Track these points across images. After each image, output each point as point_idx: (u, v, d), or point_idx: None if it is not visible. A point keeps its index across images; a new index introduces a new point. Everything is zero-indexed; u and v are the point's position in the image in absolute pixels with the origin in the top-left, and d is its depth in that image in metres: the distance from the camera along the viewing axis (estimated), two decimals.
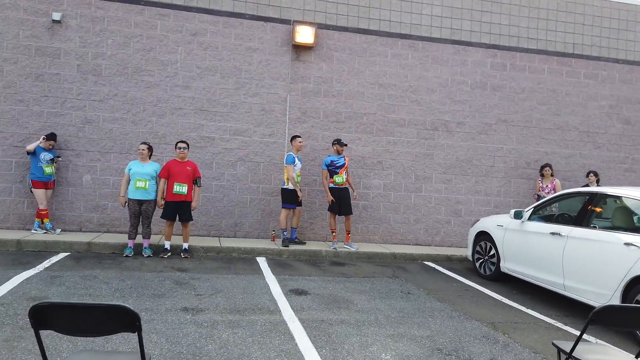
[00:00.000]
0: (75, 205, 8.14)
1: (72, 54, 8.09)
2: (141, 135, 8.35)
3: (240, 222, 8.77)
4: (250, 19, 8.74)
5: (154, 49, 8.38)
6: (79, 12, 8.09)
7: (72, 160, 8.12)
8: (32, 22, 7.93)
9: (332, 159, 8.24)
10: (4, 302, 4.58)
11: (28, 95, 7.94)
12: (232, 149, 8.71)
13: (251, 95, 8.78)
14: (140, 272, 6.19)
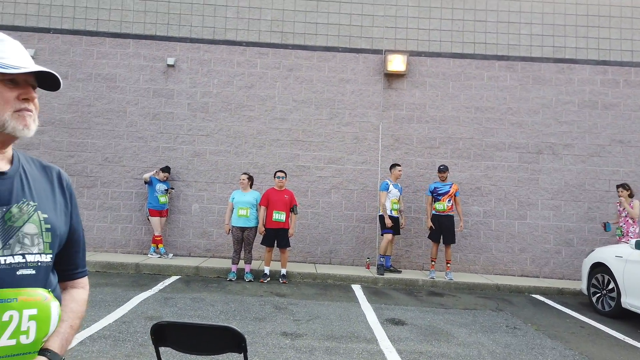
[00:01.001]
0: (185, 232, 8.82)
1: (184, 94, 8.92)
2: (243, 166, 8.88)
3: (335, 249, 8.87)
4: (343, 52, 9.02)
5: (254, 86, 8.96)
6: (189, 56, 8.94)
7: (183, 190, 8.85)
8: (151, 68, 8.91)
9: (436, 186, 8.10)
10: (126, 320, 5.05)
11: (146, 133, 8.87)
12: (326, 177, 8.92)
13: (344, 124, 8.98)
14: (243, 295, 6.49)
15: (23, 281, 1.12)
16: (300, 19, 9.02)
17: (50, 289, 1.19)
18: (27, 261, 1.14)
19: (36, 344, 1.13)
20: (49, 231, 1.20)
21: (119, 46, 8.86)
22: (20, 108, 1.15)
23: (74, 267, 1.35)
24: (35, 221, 1.18)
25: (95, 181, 8.77)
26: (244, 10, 8.98)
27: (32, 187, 1.22)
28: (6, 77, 1.14)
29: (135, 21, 8.87)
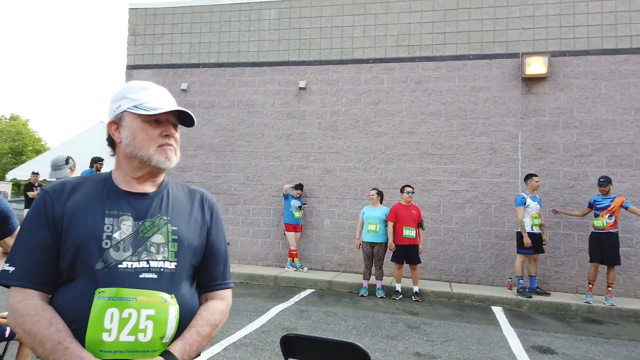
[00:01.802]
0: (319, 247, 9.10)
1: (314, 114, 9.30)
2: (372, 181, 8.90)
3: (472, 267, 8.36)
4: (474, 59, 8.60)
5: (382, 101, 8.98)
6: (319, 77, 9.32)
7: (315, 206, 9.17)
8: (285, 92, 9.48)
9: (595, 199, 7.22)
10: (264, 329, 5.34)
11: (281, 152, 9.42)
12: (459, 191, 8.50)
13: (478, 135, 8.50)
14: (374, 312, 6.44)
15: (145, 284, 1.25)
16: (427, 30, 8.85)
17: (172, 295, 1.28)
18: (151, 266, 1.27)
19: (153, 343, 1.22)
20: (176, 242, 1.33)
21: (257, 74, 9.60)
22: (162, 143, 1.35)
23: (213, 279, 1.45)
24: (163, 232, 1.33)
25: (238, 199, 9.54)
26: (370, 28, 9.11)
27: (170, 205, 1.39)
28: (151, 118, 1.33)
29: (270, 50, 9.56)
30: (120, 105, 1.37)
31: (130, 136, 1.34)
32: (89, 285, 1.22)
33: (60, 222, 1.27)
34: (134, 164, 1.36)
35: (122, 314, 1.19)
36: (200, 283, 1.43)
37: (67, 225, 1.26)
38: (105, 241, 1.25)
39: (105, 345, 1.18)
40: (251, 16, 9.67)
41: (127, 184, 1.37)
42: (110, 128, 1.40)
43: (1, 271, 1.26)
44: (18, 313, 1.20)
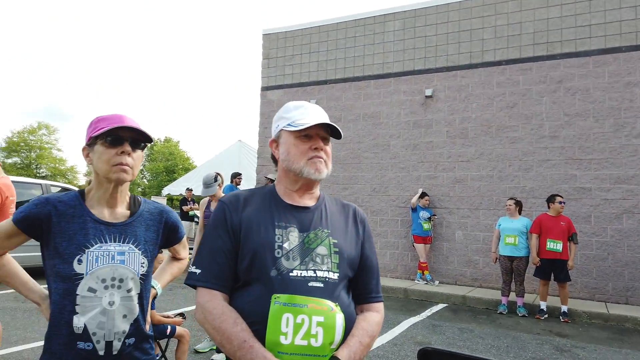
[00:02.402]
0: (450, 260, 8.73)
1: (442, 122, 9.02)
2: (508, 190, 8.32)
3: (633, 286, 7.31)
4: (627, 51, 7.61)
5: (517, 104, 8.38)
6: (446, 84, 9.04)
7: (445, 217, 8.83)
8: (410, 101, 9.36)
9: None
10: (397, 342, 5.25)
11: (408, 163, 9.28)
12: (614, 200, 7.52)
13: (635, 135, 7.47)
14: (516, 331, 5.95)
15: (313, 292, 1.32)
16: (569, 24, 8.07)
17: (337, 304, 1.34)
18: (317, 276, 1.35)
19: (323, 348, 1.27)
20: (337, 254, 1.41)
21: (382, 86, 9.65)
22: (312, 156, 1.43)
23: (368, 291, 1.50)
24: (326, 244, 1.40)
25: (365, 210, 9.61)
26: (502, 28, 8.60)
27: (329, 218, 1.47)
28: (301, 133, 1.43)
29: (395, 60, 9.54)
30: (278, 125, 1.50)
31: (285, 152, 1.46)
32: (264, 291, 1.32)
33: (239, 230, 1.40)
34: (290, 177, 1.46)
35: (296, 319, 1.27)
36: (356, 294, 1.48)
37: (245, 233, 1.39)
38: (277, 250, 1.35)
39: (283, 347, 1.26)
40: (375, 29, 9.78)
41: (288, 197, 1.48)
42: (271, 146, 1.53)
43: (189, 272, 1.42)
44: (207, 311, 1.33)
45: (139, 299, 1.57)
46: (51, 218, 1.52)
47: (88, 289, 1.48)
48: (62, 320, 1.48)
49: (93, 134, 1.55)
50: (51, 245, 1.52)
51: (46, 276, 1.55)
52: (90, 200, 1.59)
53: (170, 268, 1.92)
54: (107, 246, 1.53)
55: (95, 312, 1.48)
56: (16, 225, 1.53)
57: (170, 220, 1.73)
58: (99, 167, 1.55)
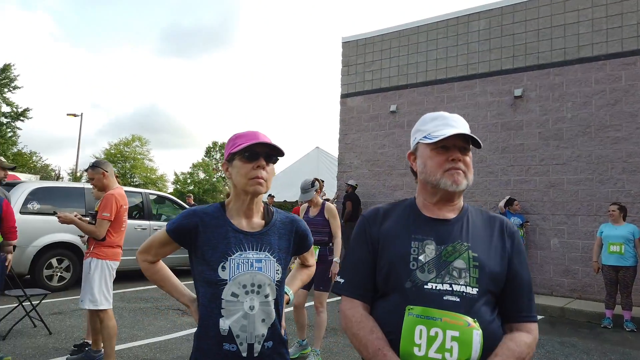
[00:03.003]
0: (545, 269, 8.23)
1: (533, 123, 8.57)
2: (610, 195, 7.70)
3: None
4: None
5: (620, 102, 7.75)
6: (537, 83, 8.57)
7: (539, 224, 8.35)
8: (497, 103, 8.99)
9: None
10: None
11: (496, 167, 8.90)
12: None
13: None
14: (624, 347, 5.48)
15: (448, 306, 1.30)
16: None
17: (475, 319, 1.30)
18: (453, 290, 1.33)
19: None
20: (477, 268, 1.36)
21: (466, 88, 9.36)
22: (449, 168, 1.40)
23: (517, 309, 1.42)
24: (464, 258, 1.37)
25: None
26: (600, 21, 8.01)
27: (470, 231, 1.43)
28: (437, 145, 1.42)
29: (480, 61, 9.23)
30: (415, 138, 1.52)
31: (422, 164, 1.47)
32: (399, 302, 1.35)
33: (377, 243, 1.45)
34: (428, 189, 1.47)
35: (429, 331, 1.28)
36: (504, 312, 1.42)
37: (382, 245, 1.44)
38: (412, 262, 1.37)
39: (416, 358, 1.27)
40: (459, 30, 9.52)
41: (427, 210, 1.48)
42: (409, 159, 1.55)
43: (335, 282, 1.53)
44: (347, 318, 1.42)
45: (275, 304, 1.65)
46: (198, 228, 1.65)
47: (231, 293, 1.58)
48: (210, 322, 1.60)
49: (232, 151, 1.67)
50: (199, 253, 1.65)
51: (194, 281, 1.70)
52: (230, 212, 1.71)
53: (300, 275, 1.99)
54: (246, 254, 1.63)
55: (238, 315, 1.58)
56: (169, 235, 1.70)
57: (301, 229, 1.81)
58: (237, 180, 1.67)
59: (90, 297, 3.96)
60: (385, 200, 10.05)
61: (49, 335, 5.10)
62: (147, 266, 1.79)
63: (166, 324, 5.87)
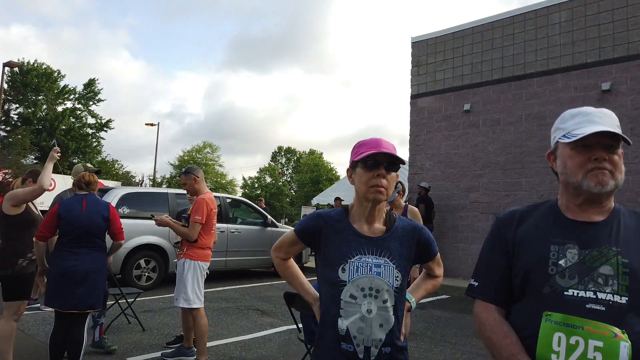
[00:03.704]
0: None
1: (624, 118, 7.96)
2: None
3: None
4: None
5: None
6: (628, 75, 7.98)
7: None
8: (582, 97, 8.46)
9: None
10: None
11: None
12: None
13: None
14: None
15: (590, 314, 1.23)
16: None
17: (623, 330, 1.21)
18: (598, 298, 1.24)
19: None
20: (627, 275, 1.26)
21: (547, 83, 8.90)
22: (591, 168, 1.32)
23: None
24: (612, 264, 1.28)
25: None
26: None
27: (620, 235, 1.33)
28: (577, 144, 1.34)
29: (562, 54, 8.74)
30: (554, 137, 1.46)
31: (562, 165, 1.40)
32: (536, 307, 1.30)
33: (512, 247, 1.41)
34: (570, 191, 1.39)
35: (569, 339, 1.22)
36: None
37: (518, 249, 1.40)
38: (550, 267, 1.31)
39: None
40: (537, 23, 9.08)
41: (571, 212, 1.40)
42: (549, 159, 1.49)
43: (469, 285, 1.51)
44: (480, 322, 1.41)
45: (394, 310, 1.64)
46: (322, 230, 1.73)
47: (350, 295, 1.61)
48: (329, 321, 1.64)
49: (354, 159, 1.71)
50: (322, 254, 1.72)
51: (318, 281, 1.76)
52: (353, 216, 1.75)
53: (424, 284, 1.96)
54: (365, 258, 1.65)
55: (355, 317, 1.60)
56: (297, 235, 1.81)
57: (423, 237, 1.78)
58: (358, 187, 1.70)
59: (184, 296, 4.17)
60: (460, 202, 9.77)
61: (143, 332, 5.42)
62: (279, 262, 1.90)
63: (247, 323, 6.04)
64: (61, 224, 3.60)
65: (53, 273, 3.57)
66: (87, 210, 3.65)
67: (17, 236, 3.76)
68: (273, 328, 5.81)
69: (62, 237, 3.62)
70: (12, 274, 3.68)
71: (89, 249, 3.64)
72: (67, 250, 3.58)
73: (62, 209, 3.62)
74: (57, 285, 3.53)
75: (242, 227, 9.70)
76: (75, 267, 3.54)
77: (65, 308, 3.52)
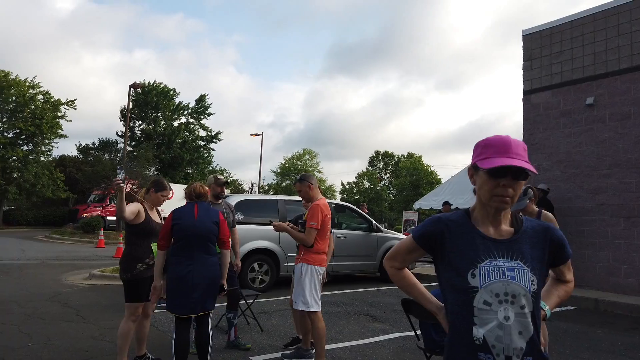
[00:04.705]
0: None
1: None
2: None
3: None
4: None
5: None
6: None
7: None
8: None
9: None
10: None
11: None
12: None
13: None
14: None
15: None
16: None
17: None
18: None
19: None
20: None
21: None
22: None
23: None
24: None
25: None
26: None
27: None
28: None
29: None
30: None
31: None
32: None
33: None
34: None
35: None
36: None
37: None
38: None
39: None
40: None
41: None
42: None
43: None
44: None
45: (532, 317, 1.52)
46: (444, 235, 1.63)
47: (483, 302, 1.51)
48: (462, 330, 1.54)
49: (478, 163, 1.58)
50: (445, 260, 1.62)
51: (441, 288, 1.67)
52: (475, 219, 1.64)
53: (556, 290, 1.81)
54: (496, 262, 1.54)
55: (492, 325, 1.49)
56: (415, 241, 1.71)
57: (557, 238, 1.64)
58: (481, 193, 1.59)
59: (302, 299, 4.27)
60: (584, 205, 8.92)
61: (261, 332, 5.66)
62: (394, 272, 1.81)
63: (359, 328, 6.04)
64: (174, 230, 3.73)
65: (169, 278, 3.71)
66: (199, 216, 3.80)
67: (137, 243, 4.04)
68: (385, 334, 5.74)
69: (176, 243, 3.76)
70: (131, 277, 3.97)
71: (203, 254, 3.74)
72: (181, 256, 3.71)
73: (174, 216, 3.79)
74: (173, 290, 3.66)
75: (347, 232, 9.77)
76: (190, 272, 3.65)
77: (181, 313, 3.65)
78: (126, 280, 4.01)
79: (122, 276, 4.03)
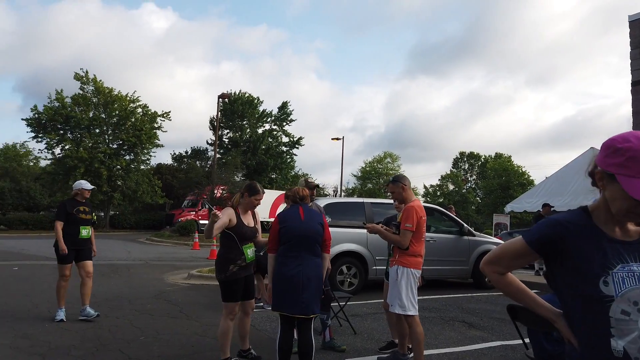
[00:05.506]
0: None
1: None
2: None
3: None
4: None
5: None
6: None
7: None
8: None
9: None
10: None
11: None
12: None
13: None
14: None
15: None
16: None
17: None
18: None
19: None
20: None
21: None
22: None
23: None
24: None
25: None
26: None
27: None
28: None
29: None
30: None
31: None
32: None
33: None
34: None
35: None
36: None
37: None
38: None
39: None
40: None
41: None
42: None
43: None
44: None
45: None
46: (565, 238, 1.49)
47: (621, 311, 1.37)
48: (597, 342, 1.41)
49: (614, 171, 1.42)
50: (569, 265, 1.48)
51: (559, 294, 1.54)
52: (597, 218, 1.50)
53: None
54: (629, 266, 1.40)
55: (633, 335, 1.35)
56: (530, 246, 1.55)
57: None
58: (613, 204, 1.44)
59: (398, 302, 4.19)
60: None
61: (354, 335, 5.64)
62: (497, 278, 1.65)
63: (456, 335, 5.82)
64: (281, 232, 3.82)
65: (277, 279, 3.78)
66: (306, 218, 3.87)
67: (229, 245, 4.20)
68: (484, 342, 5.48)
69: (283, 244, 3.83)
70: (225, 278, 4.14)
71: (310, 254, 3.79)
72: (289, 256, 3.77)
73: (280, 219, 3.90)
74: (282, 291, 3.72)
75: (437, 236, 9.46)
76: (300, 272, 3.70)
77: (294, 313, 3.69)
78: (221, 280, 4.20)
79: (218, 277, 4.24)
